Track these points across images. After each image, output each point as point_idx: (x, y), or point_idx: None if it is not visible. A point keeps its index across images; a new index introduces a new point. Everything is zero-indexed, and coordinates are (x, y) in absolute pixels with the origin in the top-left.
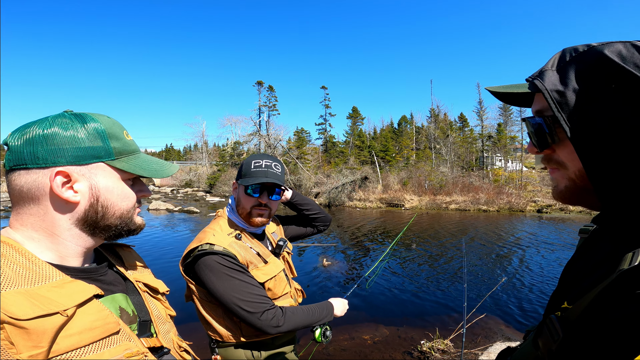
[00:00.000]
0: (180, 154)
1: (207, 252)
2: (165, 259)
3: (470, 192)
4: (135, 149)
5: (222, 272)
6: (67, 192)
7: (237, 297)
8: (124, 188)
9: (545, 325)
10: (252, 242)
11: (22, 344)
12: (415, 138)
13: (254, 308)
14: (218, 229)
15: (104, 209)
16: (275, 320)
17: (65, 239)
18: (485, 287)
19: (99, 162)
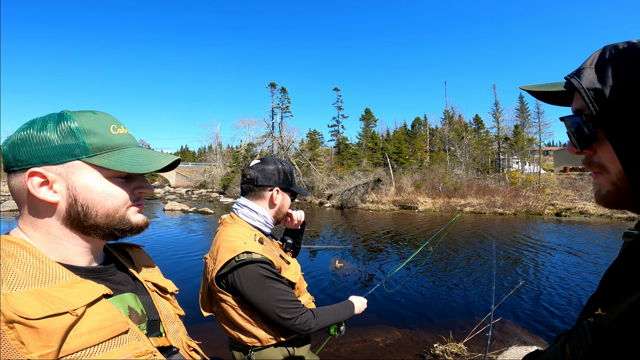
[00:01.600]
0: (195, 156)
1: (246, 261)
2: (176, 258)
3: (485, 195)
4: (121, 144)
5: (261, 281)
6: (44, 192)
7: (275, 305)
8: (107, 186)
9: (576, 331)
10: (272, 245)
11: (32, 344)
12: (429, 140)
13: (290, 314)
14: (243, 236)
15: (84, 208)
16: (307, 324)
17: (62, 239)
18: (501, 290)
19: (75, 160)
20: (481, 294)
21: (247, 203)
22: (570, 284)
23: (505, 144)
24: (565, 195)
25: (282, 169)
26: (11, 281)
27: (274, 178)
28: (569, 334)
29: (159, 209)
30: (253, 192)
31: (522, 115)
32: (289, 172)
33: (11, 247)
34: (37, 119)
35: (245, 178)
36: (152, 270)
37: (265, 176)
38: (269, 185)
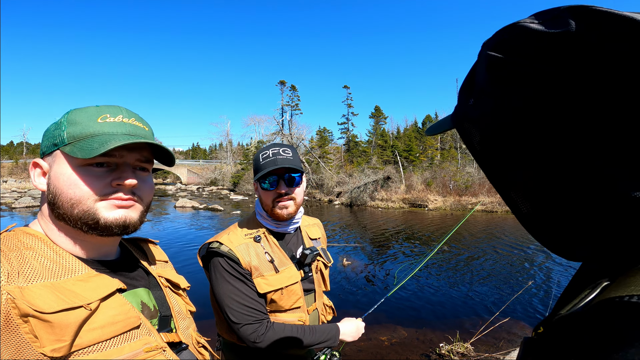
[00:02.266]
0: (206, 153)
1: (214, 251)
2: (187, 255)
3: (497, 193)
4: (96, 132)
5: (221, 275)
6: (37, 180)
7: (226, 303)
8: (71, 175)
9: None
10: (271, 247)
11: (45, 338)
12: (440, 138)
13: (237, 318)
14: (239, 227)
15: (54, 197)
16: (253, 336)
17: (59, 229)
18: (510, 290)
19: (57, 150)
20: (489, 294)
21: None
22: None
23: None
24: None
25: (254, 158)
26: (28, 274)
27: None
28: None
29: (170, 206)
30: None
31: None
32: (256, 159)
33: (29, 239)
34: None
35: None
36: (166, 265)
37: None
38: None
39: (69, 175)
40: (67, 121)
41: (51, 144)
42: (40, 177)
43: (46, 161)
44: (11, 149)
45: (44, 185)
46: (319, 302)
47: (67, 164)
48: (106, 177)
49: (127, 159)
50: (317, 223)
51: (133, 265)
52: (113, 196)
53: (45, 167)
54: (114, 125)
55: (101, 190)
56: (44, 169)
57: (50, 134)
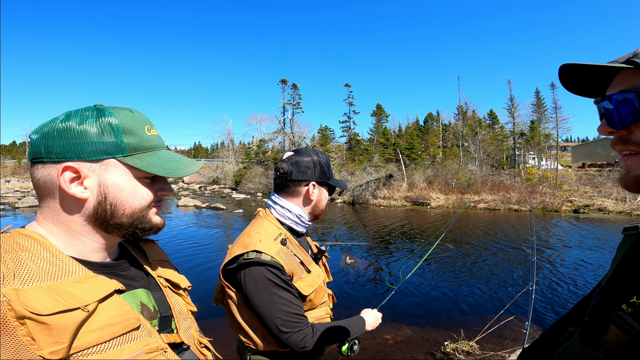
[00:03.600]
0: (208, 152)
1: (254, 261)
2: (189, 253)
3: (500, 191)
4: (154, 146)
5: (265, 286)
6: (74, 188)
7: (274, 315)
8: (135, 186)
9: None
10: (296, 249)
11: (43, 340)
12: (442, 136)
13: (287, 327)
14: (264, 233)
15: (112, 207)
16: (303, 341)
17: (82, 234)
18: (515, 288)
19: (111, 159)
20: (494, 292)
21: (279, 200)
22: (587, 283)
23: (521, 139)
24: (584, 192)
25: (318, 160)
26: (24, 276)
27: (310, 172)
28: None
29: (172, 205)
30: (287, 188)
31: (539, 110)
32: (325, 163)
33: (25, 240)
34: (73, 112)
35: (278, 172)
36: (166, 265)
37: (299, 170)
38: (304, 179)
39: (133, 187)
40: (123, 129)
41: (101, 150)
42: (72, 183)
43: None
44: (14, 148)
45: (84, 193)
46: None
47: (129, 175)
48: (152, 187)
49: None
50: None
51: (132, 265)
52: (157, 204)
53: (85, 173)
54: (156, 138)
55: (153, 200)
56: (81, 175)
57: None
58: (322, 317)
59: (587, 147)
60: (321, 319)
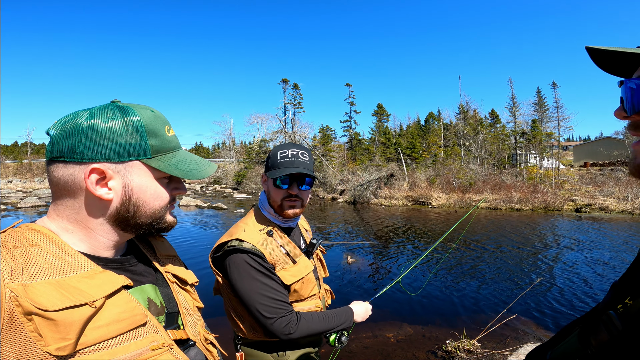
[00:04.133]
0: (209, 152)
1: (236, 248)
2: (192, 252)
3: (502, 190)
4: (174, 146)
5: (247, 272)
6: (100, 189)
7: (256, 300)
8: (157, 187)
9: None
10: (283, 240)
11: (50, 336)
12: (443, 135)
13: (270, 313)
14: (251, 223)
15: (135, 207)
16: (287, 328)
17: (98, 233)
18: (517, 287)
19: (135, 160)
20: (496, 290)
21: (261, 194)
22: (589, 281)
23: (522, 138)
24: (586, 191)
25: (270, 153)
26: (32, 271)
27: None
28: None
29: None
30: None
31: (540, 109)
32: (272, 154)
33: (35, 235)
34: (96, 110)
35: None
36: (174, 261)
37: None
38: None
39: (155, 188)
40: (147, 131)
41: (126, 153)
42: (98, 184)
43: (111, 169)
44: (16, 149)
45: (109, 194)
46: (322, 288)
47: (151, 176)
48: (168, 187)
49: None
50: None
51: (140, 261)
52: (172, 203)
53: (111, 175)
54: (175, 139)
55: (169, 200)
56: (106, 176)
57: (121, 141)
58: (311, 309)
59: (589, 146)
60: (310, 311)
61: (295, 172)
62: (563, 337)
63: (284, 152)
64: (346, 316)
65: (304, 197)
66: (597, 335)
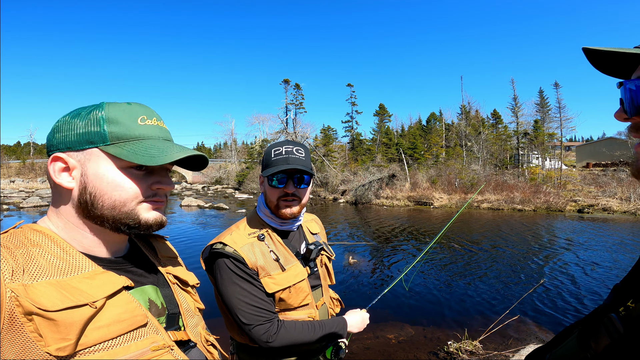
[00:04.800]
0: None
1: (219, 252)
2: (193, 253)
3: (504, 191)
4: (141, 135)
5: (228, 276)
6: (61, 178)
7: (235, 305)
8: (117, 176)
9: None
10: (275, 245)
11: (50, 336)
12: (444, 135)
13: (247, 319)
14: (242, 227)
15: (92, 197)
16: (265, 336)
17: (79, 227)
18: (519, 288)
19: (93, 148)
20: (498, 292)
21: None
22: (592, 282)
23: (524, 139)
24: (588, 192)
25: (264, 152)
26: (33, 271)
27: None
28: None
29: (176, 205)
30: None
31: (542, 110)
32: (267, 152)
33: (36, 236)
34: (78, 109)
35: None
36: (175, 262)
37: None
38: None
39: (113, 177)
40: (107, 119)
41: (84, 140)
42: (62, 173)
43: (72, 157)
44: (18, 149)
45: (71, 182)
46: (327, 297)
47: (111, 164)
48: (146, 180)
49: (167, 165)
50: (314, 218)
51: (141, 261)
52: (153, 199)
53: (72, 163)
54: (152, 128)
55: (144, 193)
56: (69, 165)
57: (79, 129)
58: (303, 319)
59: (592, 146)
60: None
61: (289, 169)
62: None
63: (277, 150)
64: (338, 326)
65: (302, 196)
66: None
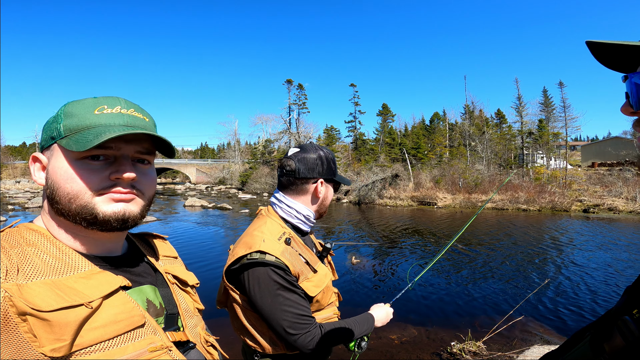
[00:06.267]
0: (214, 152)
1: (258, 262)
2: (196, 253)
3: (508, 191)
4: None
5: (270, 287)
6: (37, 176)
7: (279, 317)
8: (68, 168)
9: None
10: (301, 248)
11: (44, 337)
12: (448, 135)
13: (295, 329)
14: (267, 232)
15: (53, 191)
16: (311, 342)
17: (60, 225)
18: (524, 288)
19: (54, 143)
20: (503, 292)
21: (285, 199)
22: (597, 283)
23: (529, 138)
24: (594, 191)
25: (325, 156)
26: (28, 271)
27: (318, 168)
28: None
29: (179, 205)
30: (294, 186)
31: (547, 109)
32: (331, 159)
33: (32, 235)
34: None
35: (284, 170)
36: (174, 262)
37: (308, 167)
38: (313, 177)
39: (65, 169)
40: (64, 113)
41: (49, 137)
42: (39, 171)
43: (45, 155)
44: (24, 149)
45: (43, 179)
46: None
47: (64, 157)
48: (104, 171)
49: (125, 151)
50: None
51: (139, 261)
52: (112, 190)
53: (44, 161)
54: (111, 116)
55: (99, 184)
56: (43, 163)
57: (48, 127)
58: (330, 317)
59: (597, 146)
60: (329, 319)
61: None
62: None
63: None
64: (368, 324)
65: None
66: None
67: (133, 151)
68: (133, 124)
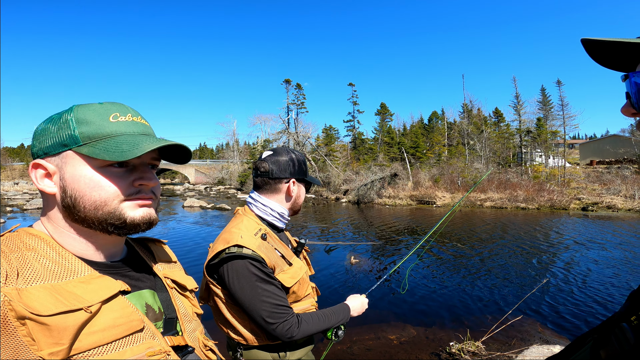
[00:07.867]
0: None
1: (235, 255)
2: (195, 254)
3: (507, 189)
4: (113, 132)
5: (248, 279)
6: (43, 184)
7: (258, 307)
8: (94, 176)
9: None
10: (276, 243)
11: (43, 341)
12: (447, 134)
13: (273, 319)
14: (244, 229)
15: (72, 200)
16: (290, 331)
17: (69, 231)
18: (523, 288)
19: (67, 151)
20: (501, 291)
21: (260, 198)
22: (597, 282)
23: (527, 137)
24: (592, 190)
25: (296, 158)
26: (28, 275)
27: (290, 169)
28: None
29: (178, 206)
30: (268, 186)
31: (545, 107)
32: (302, 161)
33: (32, 239)
34: (52, 115)
35: (259, 171)
36: (173, 266)
37: (280, 168)
38: (285, 177)
39: (90, 177)
40: (77, 120)
41: (57, 144)
42: (44, 179)
43: (51, 162)
44: (22, 151)
45: (52, 187)
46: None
47: (87, 165)
48: (128, 177)
49: (144, 158)
50: None
51: (139, 266)
52: (137, 196)
53: (51, 168)
54: (127, 124)
55: (125, 191)
56: (48, 170)
57: (52, 134)
58: (308, 308)
59: (595, 144)
60: (307, 310)
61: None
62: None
63: (306, 161)
64: (344, 313)
65: None
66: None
67: (150, 158)
68: (147, 132)
